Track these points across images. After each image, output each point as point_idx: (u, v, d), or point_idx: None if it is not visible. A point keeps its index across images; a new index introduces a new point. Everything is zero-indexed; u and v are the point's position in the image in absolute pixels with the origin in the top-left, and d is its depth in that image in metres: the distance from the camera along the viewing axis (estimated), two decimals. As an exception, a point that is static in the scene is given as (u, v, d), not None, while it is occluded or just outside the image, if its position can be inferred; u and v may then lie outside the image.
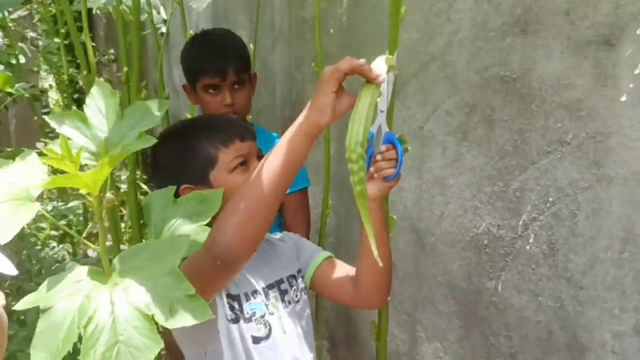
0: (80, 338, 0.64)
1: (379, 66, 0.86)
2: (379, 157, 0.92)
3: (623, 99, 0.97)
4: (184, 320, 0.66)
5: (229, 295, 1.00)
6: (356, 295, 1.04)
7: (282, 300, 1.05)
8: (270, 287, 1.05)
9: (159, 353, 0.67)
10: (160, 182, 0.98)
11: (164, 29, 2.25)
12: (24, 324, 1.54)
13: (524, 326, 1.23)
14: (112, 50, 4.67)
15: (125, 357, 0.62)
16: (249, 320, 0.99)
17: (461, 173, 1.35)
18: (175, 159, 1.04)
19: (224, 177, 1.00)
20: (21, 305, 0.64)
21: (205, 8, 1.66)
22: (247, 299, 1.03)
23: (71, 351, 0.64)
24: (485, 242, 1.31)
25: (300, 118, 0.83)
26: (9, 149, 2.52)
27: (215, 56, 1.49)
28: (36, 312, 0.65)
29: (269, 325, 1.01)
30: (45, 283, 0.66)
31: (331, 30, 1.80)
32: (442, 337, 1.50)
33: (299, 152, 0.83)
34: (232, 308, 0.98)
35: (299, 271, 1.12)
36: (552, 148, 1.11)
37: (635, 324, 0.99)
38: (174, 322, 0.65)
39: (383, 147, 0.93)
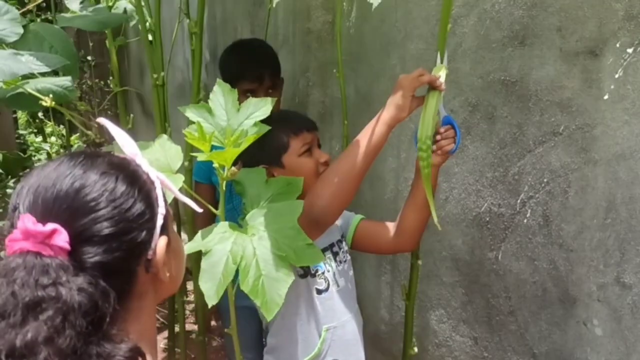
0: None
1: (439, 74, 1.12)
2: (438, 137, 1.17)
3: (605, 97, 1.23)
4: (305, 261, 0.88)
5: None
6: (396, 241, 1.29)
7: (335, 260, 1.28)
8: (325, 249, 1.28)
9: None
10: (244, 163, 1.20)
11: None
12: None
13: (522, 287, 1.48)
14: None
15: (268, 286, 0.83)
16: (314, 275, 1.22)
17: (465, 162, 1.60)
18: (255, 144, 1.25)
19: (294, 160, 1.23)
20: (186, 250, 0.84)
21: (205, 16, 1.86)
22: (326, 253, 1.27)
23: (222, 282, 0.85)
24: (487, 219, 1.56)
25: (384, 113, 1.11)
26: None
27: (253, 64, 1.71)
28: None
29: (328, 280, 1.24)
30: (199, 234, 0.87)
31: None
32: (446, 305, 1.74)
33: (381, 138, 1.11)
34: (301, 266, 1.20)
35: (342, 236, 1.35)
36: (546, 138, 1.37)
37: (617, 276, 1.25)
38: (299, 263, 0.87)
39: (442, 129, 1.18)
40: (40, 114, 5.29)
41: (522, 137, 1.43)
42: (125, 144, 0.73)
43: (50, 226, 0.58)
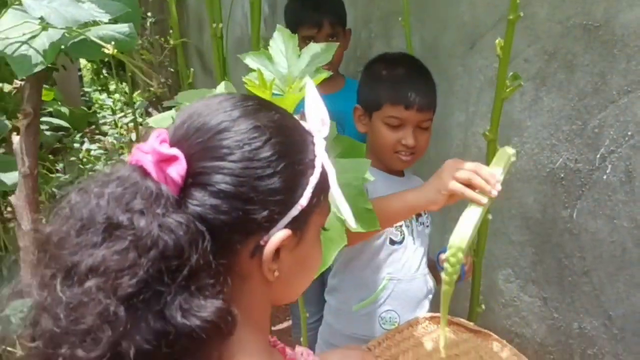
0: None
1: (497, 170, 0.94)
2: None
3: None
4: (363, 227, 0.84)
5: None
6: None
7: (417, 219, 1.25)
8: None
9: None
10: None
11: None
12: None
13: (598, 247, 1.40)
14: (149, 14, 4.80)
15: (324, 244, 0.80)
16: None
17: (538, 115, 1.51)
18: (365, 80, 1.23)
19: (377, 124, 1.20)
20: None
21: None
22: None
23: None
24: (562, 175, 1.47)
25: (412, 197, 1.01)
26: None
27: (312, 9, 1.66)
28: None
29: (404, 233, 1.21)
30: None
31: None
32: (514, 264, 1.68)
33: (402, 217, 1.14)
34: None
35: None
36: (632, 87, 1.26)
37: None
38: (357, 226, 0.83)
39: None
40: (104, 71, 5.40)
41: (605, 87, 1.32)
42: (313, 113, 0.63)
43: (173, 151, 0.52)
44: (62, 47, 1.16)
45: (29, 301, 0.51)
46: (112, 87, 5.64)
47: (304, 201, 0.56)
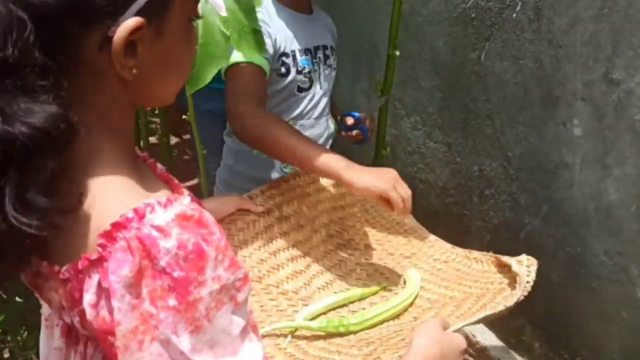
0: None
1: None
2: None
3: None
4: (247, 51, 0.77)
5: (283, 54, 1.10)
6: None
7: (325, 63, 1.18)
8: (317, 49, 1.16)
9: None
10: None
11: None
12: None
13: (502, 89, 1.41)
14: None
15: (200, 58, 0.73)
16: (300, 72, 1.11)
17: (453, -50, 1.43)
18: None
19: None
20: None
21: None
22: (301, 55, 1.15)
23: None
24: (473, 15, 1.43)
25: (340, 169, 0.89)
26: None
27: None
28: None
29: (312, 80, 1.14)
30: None
31: None
32: (422, 111, 1.68)
33: (313, 171, 0.95)
34: (283, 64, 1.09)
35: (334, 46, 1.23)
36: None
37: (605, 72, 1.17)
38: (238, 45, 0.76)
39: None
40: None
41: None
42: None
43: None
44: None
45: None
46: None
47: None
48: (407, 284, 0.91)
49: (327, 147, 1.28)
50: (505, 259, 0.86)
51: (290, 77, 1.12)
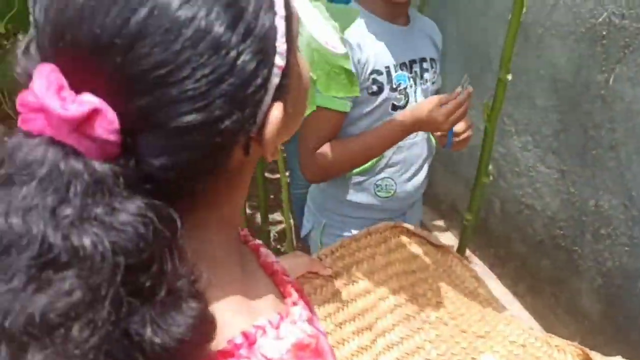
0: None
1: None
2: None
3: None
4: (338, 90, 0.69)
5: (374, 71, 1.01)
6: None
7: (422, 77, 1.07)
8: (413, 62, 1.06)
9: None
10: None
11: None
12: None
13: (632, 119, 1.23)
14: None
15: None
16: (394, 89, 1.02)
17: (587, -43, 1.26)
18: None
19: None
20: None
21: None
22: (396, 70, 1.05)
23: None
24: (604, 33, 1.26)
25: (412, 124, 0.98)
26: None
27: None
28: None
29: (408, 97, 1.04)
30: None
31: None
32: (534, 131, 1.52)
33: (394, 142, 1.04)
34: (375, 82, 1.00)
35: (438, 61, 1.11)
36: None
37: None
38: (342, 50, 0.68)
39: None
40: None
41: None
42: None
43: (89, 104, 0.31)
44: None
45: None
46: None
47: (280, 61, 0.36)
48: None
49: (426, 168, 1.18)
50: (596, 357, 0.74)
51: (383, 95, 1.03)
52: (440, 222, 1.97)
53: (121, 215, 0.31)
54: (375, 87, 1.02)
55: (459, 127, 1.04)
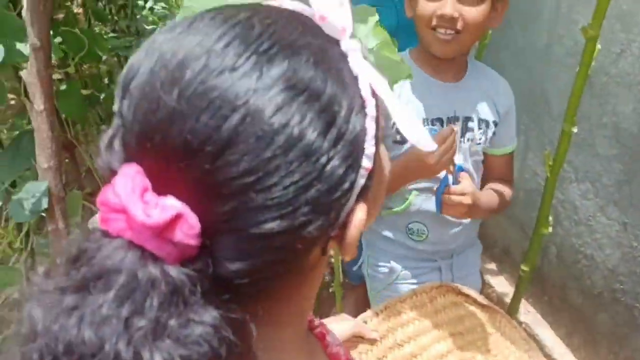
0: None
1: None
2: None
3: None
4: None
5: None
6: None
7: (464, 134, 1.06)
8: (453, 119, 1.05)
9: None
10: None
11: None
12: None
13: (703, 175, 1.18)
14: None
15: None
16: None
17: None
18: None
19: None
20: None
21: None
22: (426, 124, 1.05)
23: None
24: (673, 84, 1.21)
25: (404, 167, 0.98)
26: None
27: None
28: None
29: None
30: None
31: None
32: (595, 180, 1.47)
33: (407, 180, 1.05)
34: (398, 131, 1.00)
35: (495, 124, 1.09)
36: None
37: None
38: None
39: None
40: None
41: None
42: None
43: (172, 209, 0.31)
44: None
45: None
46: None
47: (368, 163, 0.35)
48: None
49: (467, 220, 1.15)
50: None
51: (407, 145, 1.03)
52: (492, 266, 1.92)
53: (196, 328, 0.30)
54: (398, 137, 1.03)
55: (458, 187, 1.00)
